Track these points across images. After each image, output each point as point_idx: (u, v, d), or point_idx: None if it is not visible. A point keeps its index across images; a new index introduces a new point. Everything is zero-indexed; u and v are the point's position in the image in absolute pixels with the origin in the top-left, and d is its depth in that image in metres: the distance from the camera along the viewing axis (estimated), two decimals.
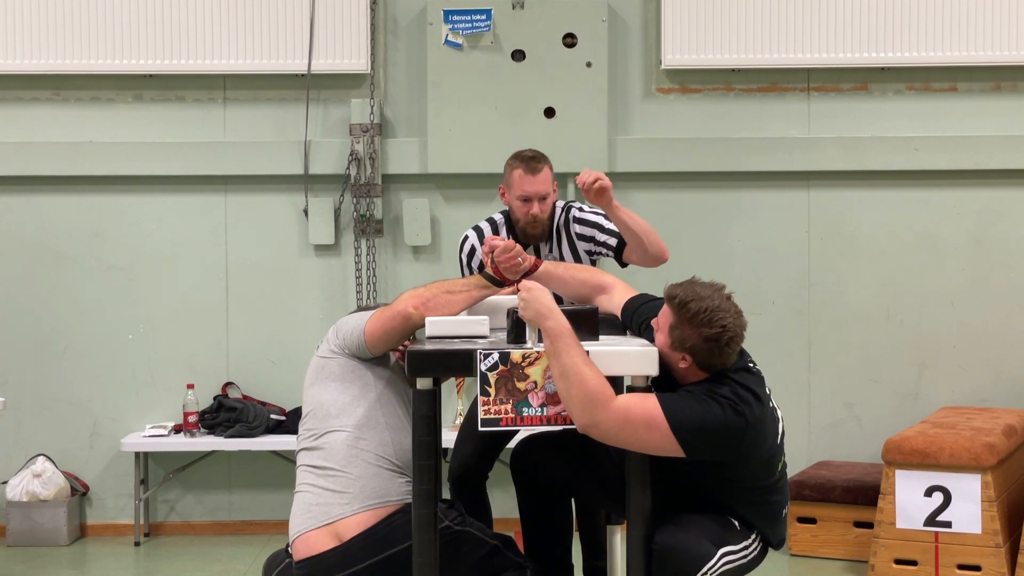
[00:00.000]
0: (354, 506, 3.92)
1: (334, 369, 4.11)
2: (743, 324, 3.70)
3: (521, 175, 4.85)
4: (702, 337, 3.63)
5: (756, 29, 6.65)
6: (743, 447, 3.64)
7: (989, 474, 5.50)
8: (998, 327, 6.77)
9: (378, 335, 4.05)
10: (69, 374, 6.73)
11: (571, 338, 3.60)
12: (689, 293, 3.68)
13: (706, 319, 3.62)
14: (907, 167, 6.72)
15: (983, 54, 6.64)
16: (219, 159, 6.70)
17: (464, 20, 6.58)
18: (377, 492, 3.95)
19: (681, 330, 3.65)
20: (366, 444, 4.00)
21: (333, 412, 4.05)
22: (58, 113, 6.71)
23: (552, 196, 4.94)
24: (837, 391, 6.79)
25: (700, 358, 3.67)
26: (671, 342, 3.68)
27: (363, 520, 3.91)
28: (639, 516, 3.67)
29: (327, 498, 3.96)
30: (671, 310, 3.68)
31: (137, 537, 6.59)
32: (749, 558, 3.81)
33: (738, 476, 3.74)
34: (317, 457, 4.03)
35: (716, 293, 3.69)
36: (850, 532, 6.08)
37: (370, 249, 6.71)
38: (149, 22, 6.61)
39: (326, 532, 3.92)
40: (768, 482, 3.80)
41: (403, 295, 4.09)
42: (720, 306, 3.65)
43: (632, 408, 3.56)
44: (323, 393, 4.09)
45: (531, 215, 4.86)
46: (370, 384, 4.09)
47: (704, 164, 6.72)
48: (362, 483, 3.95)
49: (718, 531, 3.71)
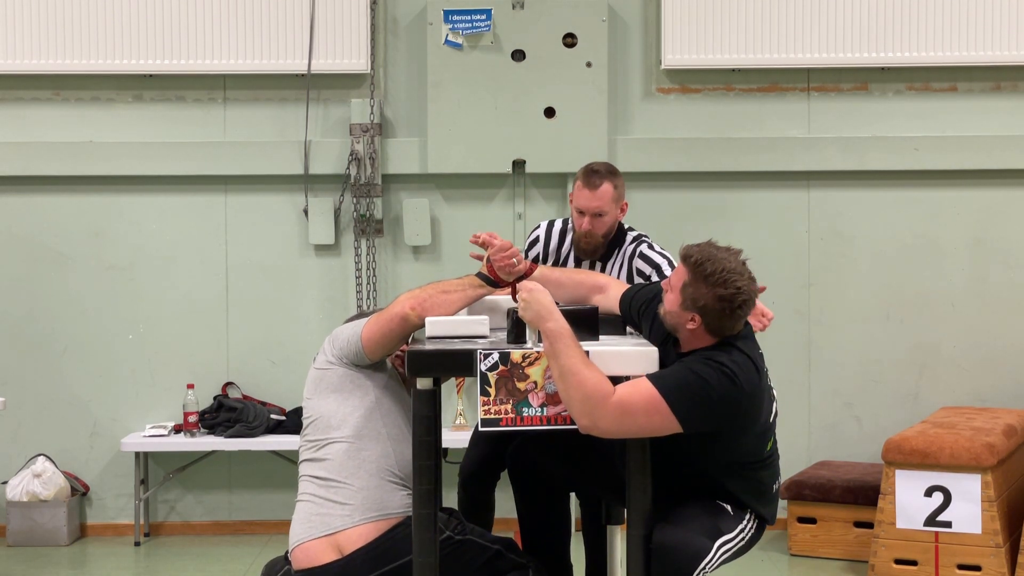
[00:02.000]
0: (355, 518, 3.92)
1: (332, 380, 4.08)
2: (756, 290, 3.68)
3: (580, 187, 4.69)
4: (716, 297, 3.60)
5: (756, 29, 6.65)
6: (739, 417, 3.62)
7: (989, 474, 5.50)
8: (998, 327, 6.77)
9: (376, 339, 4.03)
10: (69, 374, 6.73)
11: (570, 339, 3.60)
12: (706, 253, 3.66)
13: (721, 279, 3.60)
14: (907, 167, 6.72)
15: (983, 54, 6.64)
16: (219, 159, 6.70)
17: (464, 20, 6.58)
18: (378, 504, 3.94)
19: (695, 288, 3.63)
20: (367, 455, 3.98)
21: (334, 423, 4.03)
22: (58, 113, 6.71)
23: (614, 215, 4.71)
24: (837, 391, 6.79)
25: (710, 320, 3.64)
26: (683, 300, 3.65)
27: (365, 533, 3.90)
28: (639, 516, 3.67)
29: (328, 508, 3.95)
30: (686, 268, 3.66)
31: (137, 537, 6.59)
32: (746, 539, 3.82)
33: (732, 450, 3.72)
34: (318, 468, 4.02)
35: (732, 256, 3.67)
36: (850, 532, 6.08)
37: (370, 249, 6.71)
38: (149, 22, 6.61)
39: (326, 543, 3.91)
40: (759, 458, 3.80)
41: (399, 298, 4.08)
42: (736, 268, 3.64)
43: (630, 399, 3.55)
44: (322, 404, 4.07)
45: (583, 230, 4.70)
46: (369, 393, 4.06)
47: (704, 164, 6.72)
48: (364, 495, 3.94)
49: (712, 523, 3.72)
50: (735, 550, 3.77)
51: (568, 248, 4.85)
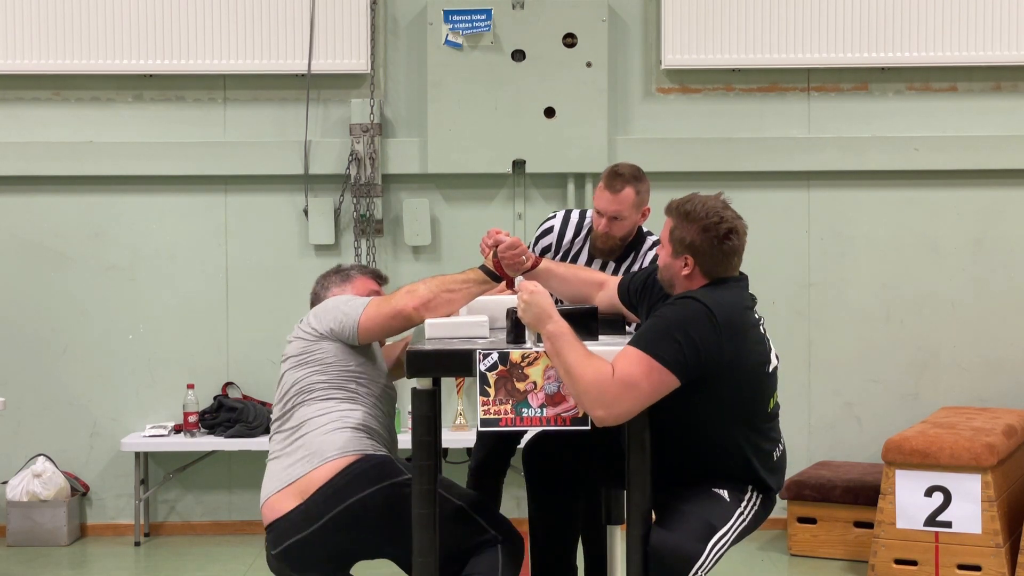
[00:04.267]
0: (314, 462, 3.91)
1: (317, 353, 4.06)
2: (742, 224, 3.76)
3: (601, 188, 4.69)
4: (701, 229, 3.70)
5: (756, 29, 6.65)
6: (722, 344, 3.59)
7: (989, 474, 5.50)
8: (998, 327, 6.77)
9: (373, 329, 4.03)
10: (69, 374, 6.74)
11: (571, 337, 3.60)
12: (686, 198, 3.80)
13: (703, 212, 3.71)
14: (907, 167, 6.72)
15: (983, 54, 6.64)
16: (219, 159, 6.70)
17: (464, 20, 6.58)
18: (337, 446, 3.93)
19: (681, 230, 3.73)
20: (336, 412, 3.99)
21: (307, 387, 4.04)
22: (58, 113, 6.71)
23: (633, 220, 4.71)
24: (837, 391, 6.79)
25: (702, 258, 3.71)
26: (672, 248, 3.75)
27: (323, 474, 3.88)
28: (639, 516, 3.67)
29: (292, 460, 3.95)
30: (671, 216, 3.78)
31: (137, 537, 6.59)
32: (748, 520, 3.79)
33: (729, 397, 3.68)
34: (287, 425, 4.04)
35: (714, 197, 3.79)
36: (850, 532, 6.08)
37: (370, 249, 6.71)
38: (149, 22, 6.61)
39: (290, 491, 3.91)
40: (760, 418, 3.77)
41: (400, 291, 4.06)
42: (717, 204, 3.76)
43: (627, 371, 3.53)
44: (300, 371, 4.06)
45: (600, 231, 4.71)
46: (351, 369, 4.06)
47: (704, 164, 6.72)
48: (321, 440, 3.93)
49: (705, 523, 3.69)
50: (735, 537, 3.75)
51: (582, 243, 4.83)
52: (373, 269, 4.47)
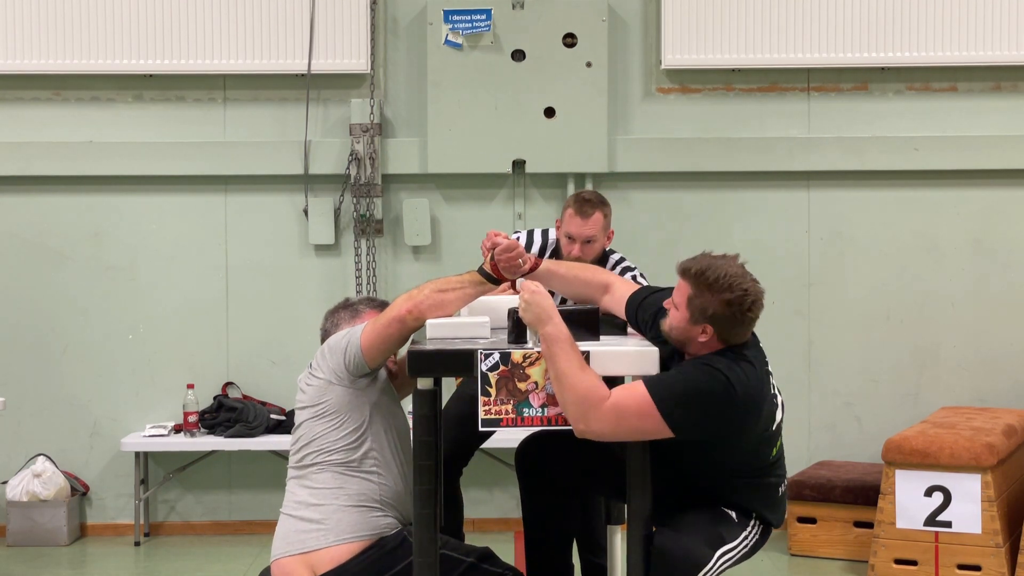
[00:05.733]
0: (329, 539, 3.94)
1: (328, 400, 4.04)
2: (761, 291, 3.68)
3: (571, 215, 4.91)
4: (724, 302, 3.60)
5: (756, 29, 6.65)
6: (733, 424, 3.60)
7: (989, 474, 5.50)
8: (998, 327, 6.77)
9: (376, 345, 3.99)
10: (69, 374, 6.74)
11: (567, 343, 3.59)
12: (704, 263, 3.67)
13: (726, 284, 3.60)
14: (907, 167, 6.72)
15: (983, 54, 6.64)
16: (219, 159, 6.70)
17: (464, 20, 6.58)
18: (354, 527, 3.95)
19: (701, 299, 3.62)
20: (351, 486, 3.99)
21: (324, 447, 4.02)
22: (58, 113, 6.71)
23: (602, 242, 4.97)
24: (837, 391, 6.79)
25: (721, 327, 3.63)
26: (691, 315, 3.65)
27: (337, 555, 3.92)
28: (639, 516, 3.67)
29: (305, 527, 3.98)
30: (688, 282, 3.66)
31: (137, 537, 6.59)
32: (749, 546, 3.81)
33: (732, 457, 3.71)
34: (303, 486, 4.04)
35: (730, 261, 3.68)
36: (850, 532, 6.08)
37: (370, 249, 6.71)
38: (149, 22, 6.61)
39: (301, 561, 3.94)
40: (763, 464, 3.79)
41: (396, 301, 4.04)
42: (738, 272, 3.65)
43: (623, 403, 3.54)
44: (316, 426, 4.05)
45: (572, 256, 4.88)
46: (362, 416, 4.03)
47: (704, 164, 6.72)
48: (340, 516, 3.95)
49: (715, 531, 3.70)
50: (738, 557, 3.75)
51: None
52: (381, 301, 4.40)
